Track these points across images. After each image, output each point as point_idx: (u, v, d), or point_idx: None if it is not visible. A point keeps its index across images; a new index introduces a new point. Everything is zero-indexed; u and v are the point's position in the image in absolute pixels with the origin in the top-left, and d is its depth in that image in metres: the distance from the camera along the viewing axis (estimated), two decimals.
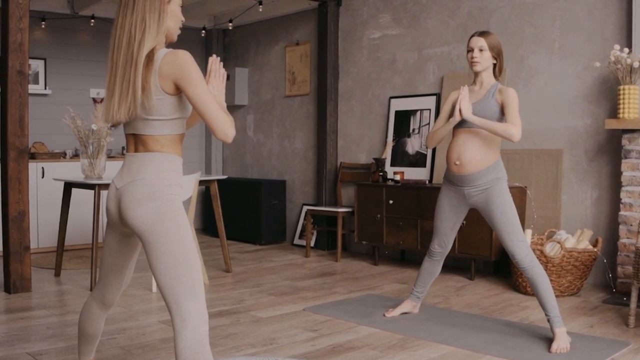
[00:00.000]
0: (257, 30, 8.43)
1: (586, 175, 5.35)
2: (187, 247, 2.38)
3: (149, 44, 2.39)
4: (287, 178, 7.99)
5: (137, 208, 2.38)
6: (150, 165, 2.43)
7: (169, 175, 2.44)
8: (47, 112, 7.46)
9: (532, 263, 3.74)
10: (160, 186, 2.41)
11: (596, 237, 5.18)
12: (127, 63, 2.37)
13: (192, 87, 2.33)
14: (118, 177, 2.49)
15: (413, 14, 6.58)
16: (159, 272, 2.36)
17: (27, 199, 5.06)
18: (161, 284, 2.37)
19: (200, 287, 2.39)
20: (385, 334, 3.96)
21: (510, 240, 3.78)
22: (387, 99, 6.85)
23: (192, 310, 2.34)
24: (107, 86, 2.44)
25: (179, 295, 2.34)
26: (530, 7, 5.66)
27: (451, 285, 5.40)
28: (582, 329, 4.06)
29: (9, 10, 4.90)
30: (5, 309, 4.57)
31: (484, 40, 3.88)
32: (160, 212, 2.37)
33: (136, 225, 2.39)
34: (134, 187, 2.41)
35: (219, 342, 3.78)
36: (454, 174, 3.94)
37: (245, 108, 8.62)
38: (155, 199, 2.38)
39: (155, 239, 2.36)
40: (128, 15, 2.40)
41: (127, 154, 2.51)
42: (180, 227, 2.39)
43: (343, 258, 6.76)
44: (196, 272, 2.38)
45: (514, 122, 3.75)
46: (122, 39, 2.39)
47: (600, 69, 5.21)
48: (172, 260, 2.35)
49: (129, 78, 2.36)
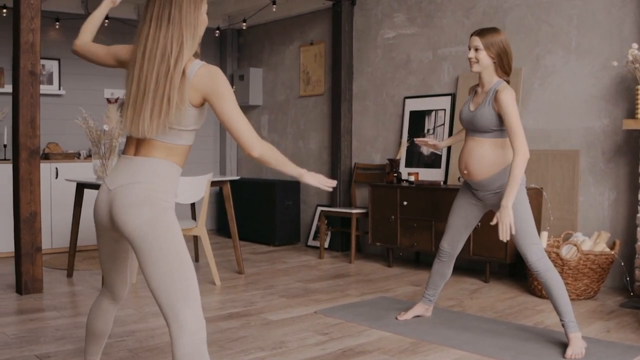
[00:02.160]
0: (271, 30, 8.40)
1: (603, 176, 5.26)
2: (182, 254, 2.34)
3: (185, 59, 2.34)
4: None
5: (130, 212, 2.32)
6: (149, 171, 2.37)
7: (166, 183, 2.39)
8: (61, 112, 7.47)
9: (546, 267, 3.66)
10: (156, 192, 2.35)
11: (613, 239, 5.09)
12: (161, 78, 2.31)
13: (223, 103, 2.33)
14: (111, 179, 2.42)
15: (428, 13, 6.51)
16: (154, 279, 2.31)
17: (38, 199, 5.05)
18: (156, 291, 2.32)
19: (196, 293, 2.34)
20: (396, 338, 3.91)
21: (524, 244, 3.69)
22: (401, 99, 6.79)
23: (189, 317, 2.30)
24: (132, 98, 2.36)
25: (175, 302, 2.30)
26: (547, 6, 5.58)
27: (465, 288, 5.33)
28: (598, 334, 3.97)
29: (21, 10, 4.89)
30: (16, 310, 4.56)
31: (479, 39, 3.75)
32: (154, 219, 2.31)
33: (128, 230, 2.33)
34: (129, 190, 2.34)
35: (228, 345, 3.74)
36: (465, 179, 3.90)
37: (260, 108, 8.59)
38: (149, 204, 2.32)
39: (148, 245, 2.31)
40: (163, 28, 2.34)
41: (125, 156, 2.45)
42: (174, 234, 2.34)
43: (357, 259, 6.71)
44: (191, 278, 2.34)
45: (514, 139, 3.56)
46: (154, 52, 2.32)
47: (617, 69, 5.12)
48: (166, 267, 2.30)
49: (164, 93, 2.30)
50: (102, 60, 2.64)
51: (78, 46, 2.68)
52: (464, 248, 5.49)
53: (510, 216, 3.50)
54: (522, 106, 5.71)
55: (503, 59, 3.75)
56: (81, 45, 2.68)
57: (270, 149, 2.45)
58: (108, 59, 2.62)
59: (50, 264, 6.20)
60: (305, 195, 7.87)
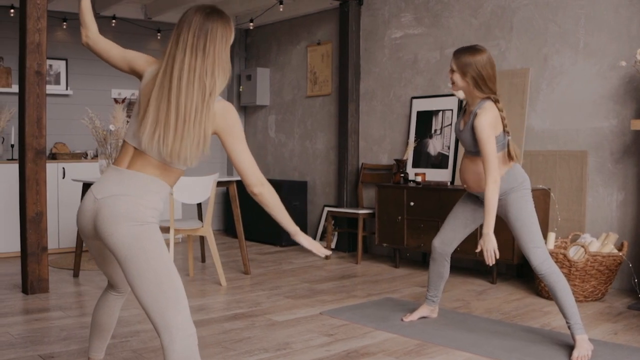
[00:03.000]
0: (278, 30, 8.39)
1: (611, 177, 5.22)
2: (168, 263, 2.35)
3: (218, 92, 2.39)
4: (308, 179, 7.93)
5: (116, 224, 2.31)
6: (140, 185, 2.38)
7: (155, 200, 2.40)
8: (68, 112, 7.48)
9: (550, 269, 3.63)
10: (144, 207, 2.35)
11: (622, 240, 5.05)
12: (199, 109, 2.33)
13: (234, 140, 2.41)
14: (99, 188, 2.41)
15: (435, 13, 6.48)
16: (142, 289, 2.31)
17: (44, 199, 5.05)
18: (145, 301, 2.32)
19: (185, 300, 2.35)
20: (402, 340, 3.88)
21: (527, 247, 3.68)
22: (408, 99, 6.76)
23: (179, 324, 2.31)
24: (169, 124, 2.33)
25: (165, 310, 2.30)
26: (555, 6, 5.54)
27: (472, 289, 5.30)
28: (606, 336, 3.94)
29: (27, 10, 4.89)
30: (22, 310, 4.56)
31: (453, 60, 3.75)
32: (139, 232, 2.32)
33: (112, 241, 2.33)
34: (117, 201, 2.34)
35: (232, 346, 3.73)
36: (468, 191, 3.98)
37: (267, 108, 8.58)
38: (136, 218, 2.32)
39: (134, 256, 2.31)
40: (199, 58, 2.35)
41: (116, 167, 2.43)
42: (160, 244, 2.36)
43: (364, 260, 6.68)
44: (179, 285, 2.35)
45: (485, 165, 3.60)
46: (192, 81, 2.33)
47: (626, 69, 5.08)
48: (154, 276, 2.31)
49: (200, 125, 2.34)
50: (114, 61, 2.58)
51: (90, 38, 2.58)
52: (471, 249, 5.47)
53: (492, 242, 3.57)
54: (530, 106, 5.68)
55: (479, 82, 3.70)
56: (93, 37, 2.59)
57: (272, 193, 2.52)
58: (121, 62, 2.57)
59: (57, 264, 6.20)
60: (312, 196, 7.86)
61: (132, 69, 2.54)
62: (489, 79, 3.70)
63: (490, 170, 3.57)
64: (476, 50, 3.72)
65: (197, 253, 6.96)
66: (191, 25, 2.36)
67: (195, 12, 2.39)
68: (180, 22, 2.40)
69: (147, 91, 2.40)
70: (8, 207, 6.58)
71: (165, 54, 2.38)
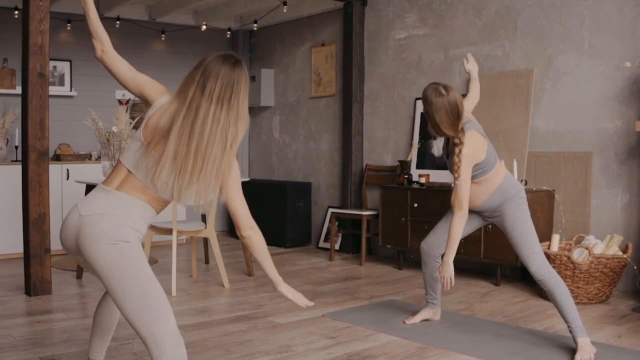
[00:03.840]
0: (282, 31, 8.37)
1: (616, 178, 5.19)
2: (150, 277, 2.37)
3: (240, 141, 2.45)
4: (312, 180, 7.92)
5: (97, 242, 2.33)
6: (127, 207, 2.40)
7: (140, 223, 2.43)
8: (72, 113, 7.49)
9: (549, 274, 3.65)
10: (127, 227, 2.37)
11: (626, 242, 5.01)
12: (217, 159, 2.39)
13: (234, 189, 2.51)
14: (84, 205, 2.42)
15: (439, 14, 6.46)
16: (127, 304, 2.33)
17: (47, 201, 5.05)
18: (131, 317, 2.34)
19: (170, 312, 2.37)
20: (404, 343, 3.86)
21: (525, 254, 3.73)
22: (412, 100, 6.74)
23: (167, 336, 2.33)
24: (186, 171, 2.36)
25: (152, 323, 2.32)
26: (559, 6, 5.51)
27: (476, 291, 5.28)
28: (609, 339, 3.91)
29: (30, 12, 4.89)
30: (24, 312, 4.56)
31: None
32: (120, 249, 2.34)
33: (94, 258, 2.34)
34: (101, 220, 2.36)
35: (233, 348, 3.72)
36: None
37: (271, 109, 8.57)
38: (116, 236, 2.35)
39: (116, 273, 2.33)
40: (224, 109, 2.38)
41: (105, 187, 2.45)
42: (141, 260, 2.38)
43: (368, 262, 6.67)
44: (163, 299, 2.37)
45: (454, 195, 3.68)
46: (214, 133, 2.37)
47: (631, 69, 5.05)
48: (138, 291, 2.33)
49: (217, 175, 2.42)
50: (123, 80, 2.58)
51: (106, 53, 2.58)
52: (475, 251, 5.45)
53: (450, 271, 3.73)
54: (534, 107, 5.65)
55: (434, 127, 3.77)
56: (109, 53, 2.58)
57: (261, 238, 2.63)
58: (131, 83, 2.57)
59: (61, 265, 6.20)
60: (317, 197, 7.84)
61: (142, 94, 2.55)
62: (441, 124, 3.72)
63: (458, 202, 3.67)
64: (436, 93, 3.72)
65: (201, 254, 6.96)
66: (219, 76, 2.39)
67: (223, 62, 2.41)
68: (206, 69, 2.40)
69: (161, 128, 2.40)
70: (12, 208, 6.58)
71: (187, 99, 2.38)
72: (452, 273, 3.73)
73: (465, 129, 3.73)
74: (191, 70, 2.44)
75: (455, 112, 3.67)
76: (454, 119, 3.68)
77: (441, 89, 3.70)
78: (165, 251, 7.07)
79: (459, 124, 3.69)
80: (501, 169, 3.87)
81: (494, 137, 5.82)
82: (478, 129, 3.81)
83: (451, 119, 3.68)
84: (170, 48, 8.31)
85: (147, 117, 2.47)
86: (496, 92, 5.90)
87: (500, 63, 5.93)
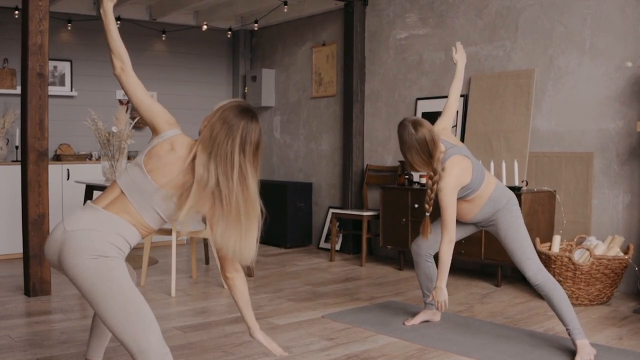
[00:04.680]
0: (283, 30, 8.36)
1: (618, 179, 5.16)
2: (132, 288, 2.39)
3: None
4: (313, 180, 7.90)
5: (79, 256, 2.35)
6: (113, 226, 2.43)
7: (121, 242, 2.44)
8: (73, 114, 7.48)
9: (545, 278, 3.65)
10: (110, 243, 2.39)
11: (627, 243, 4.99)
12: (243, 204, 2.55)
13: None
14: (70, 221, 2.45)
15: (440, 14, 6.44)
16: (111, 317, 2.35)
17: (47, 201, 5.04)
18: (116, 329, 2.36)
19: (154, 322, 2.39)
20: (403, 344, 3.84)
21: (520, 260, 3.74)
22: (413, 101, 6.72)
23: (153, 346, 2.35)
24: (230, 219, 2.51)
25: (136, 334, 2.34)
26: (560, 6, 5.49)
27: (476, 292, 5.25)
28: (610, 341, 3.89)
29: (29, 12, 4.88)
30: (23, 313, 4.55)
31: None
32: (102, 263, 2.36)
33: (76, 272, 2.35)
34: (85, 235, 2.38)
35: (232, 350, 3.71)
36: None
37: (272, 109, 8.55)
38: (99, 252, 2.36)
39: (99, 286, 2.34)
40: (252, 163, 2.54)
41: (94, 206, 2.48)
42: (123, 273, 2.39)
43: (368, 262, 6.65)
44: (146, 309, 2.39)
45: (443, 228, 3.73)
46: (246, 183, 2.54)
47: (632, 69, 5.02)
48: (121, 302, 2.34)
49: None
50: (136, 103, 2.57)
51: (125, 72, 2.55)
52: (476, 252, 5.43)
53: (443, 295, 3.79)
54: (535, 108, 5.63)
55: (408, 165, 3.81)
56: (129, 72, 2.56)
57: (243, 282, 2.70)
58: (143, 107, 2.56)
59: None
60: (317, 197, 7.82)
61: (151, 121, 2.56)
62: (413, 163, 3.77)
63: (447, 231, 3.72)
64: (407, 133, 3.72)
65: (201, 255, 6.94)
66: (251, 143, 2.50)
67: (244, 116, 2.49)
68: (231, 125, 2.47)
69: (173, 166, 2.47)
70: (12, 209, 6.57)
71: (220, 152, 2.45)
72: (446, 297, 3.79)
73: (445, 158, 3.74)
74: (214, 120, 2.48)
75: (426, 151, 3.68)
76: (426, 158, 3.70)
77: (410, 127, 3.69)
78: (165, 251, 7.06)
79: (433, 161, 3.71)
80: (490, 181, 3.87)
81: (495, 137, 5.80)
82: (459, 152, 3.80)
83: (423, 158, 3.70)
84: (171, 48, 8.30)
85: (152, 146, 2.51)
86: (497, 92, 5.87)
87: (501, 63, 5.90)
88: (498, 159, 5.70)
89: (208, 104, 8.61)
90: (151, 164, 2.46)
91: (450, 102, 4.13)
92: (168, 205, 2.48)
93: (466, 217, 3.93)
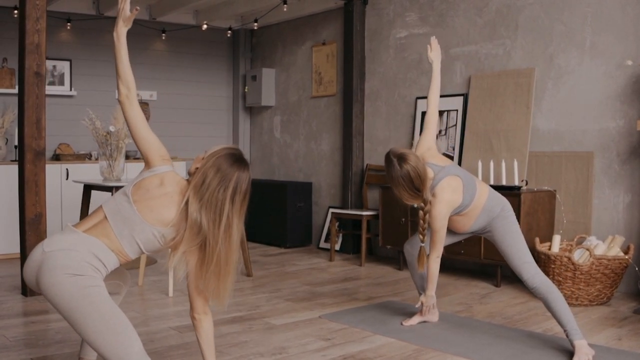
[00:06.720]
0: (283, 30, 8.33)
1: (618, 178, 5.13)
2: (110, 302, 2.40)
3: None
4: (313, 180, 7.87)
5: (57, 275, 2.35)
6: (90, 249, 2.43)
7: (99, 265, 2.45)
8: (72, 113, 7.46)
9: (542, 281, 3.64)
10: (87, 264, 2.40)
11: (628, 243, 4.96)
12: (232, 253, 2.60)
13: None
14: (50, 242, 2.46)
15: (440, 12, 6.41)
16: (91, 332, 2.35)
17: (44, 201, 5.02)
18: (98, 345, 2.36)
19: (134, 333, 2.41)
20: (400, 345, 3.81)
21: (517, 264, 3.74)
22: (413, 100, 6.69)
23: (134, 358, 2.36)
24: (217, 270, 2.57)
25: (118, 348, 2.35)
26: (561, 5, 5.45)
27: (475, 292, 5.22)
28: (609, 342, 3.85)
29: (26, 11, 4.86)
30: (19, 313, 4.53)
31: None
32: (80, 280, 2.36)
33: (54, 292, 2.36)
34: (63, 255, 2.39)
35: (227, 350, 3.68)
36: None
37: (272, 109, 8.53)
38: (75, 270, 2.37)
39: (77, 303, 2.34)
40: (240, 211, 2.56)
41: (74, 230, 2.50)
42: (100, 289, 2.40)
43: (368, 262, 6.62)
44: (126, 321, 2.41)
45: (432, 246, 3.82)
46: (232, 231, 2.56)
47: (633, 68, 4.99)
48: (100, 317, 2.35)
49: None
50: (134, 132, 2.58)
51: (130, 100, 2.56)
52: (475, 252, 5.40)
53: (432, 301, 4.02)
54: (535, 107, 5.60)
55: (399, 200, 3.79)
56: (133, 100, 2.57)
57: (210, 325, 2.73)
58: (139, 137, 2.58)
59: None
60: (317, 197, 7.80)
61: (145, 153, 2.58)
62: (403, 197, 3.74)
63: (435, 249, 3.83)
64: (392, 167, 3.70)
65: None
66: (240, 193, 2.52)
67: (234, 165, 2.52)
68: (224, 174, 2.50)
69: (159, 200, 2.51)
70: (12, 208, 6.56)
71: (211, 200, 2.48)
72: (434, 301, 4.05)
73: (434, 184, 3.73)
74: (207, 167, 2.50)
75: (412, 187, 3.65)
76: (413, 193, 3.68)
77: (395, 163, 3.65)
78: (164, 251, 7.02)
79: (421, 193, 3.69)
80: (483, 191, 3.84)
81: (495, 136, 5.77)
82: (448, 172, 3.76)
83: (411, 193, 3.68)
84: (171, 47, 8.28)
85: (142, 177, 2.54)
86: (497, 92, 5.84)
87: (501, 62, 5.87)
88: (498, 159, 5.67)
89: (208, 104, 8.59)
90: (138, 194, 2.50)
91: (430, 115, 4.03)
92: (149, 238, 2.52)
93: (462, 229, 3.94)
